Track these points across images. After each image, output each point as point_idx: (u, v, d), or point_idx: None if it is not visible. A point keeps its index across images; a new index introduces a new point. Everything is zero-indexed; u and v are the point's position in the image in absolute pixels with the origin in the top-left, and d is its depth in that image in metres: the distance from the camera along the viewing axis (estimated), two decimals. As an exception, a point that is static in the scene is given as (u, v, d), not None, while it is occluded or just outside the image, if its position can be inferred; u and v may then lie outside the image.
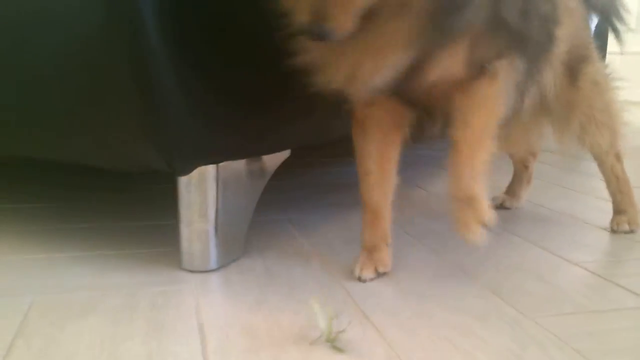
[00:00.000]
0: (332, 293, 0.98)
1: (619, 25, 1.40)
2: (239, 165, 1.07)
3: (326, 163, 2.16)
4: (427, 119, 1.04)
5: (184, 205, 1.03)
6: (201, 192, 1.02)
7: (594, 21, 1.48)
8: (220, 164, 1.03)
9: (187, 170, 1.00)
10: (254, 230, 1.20)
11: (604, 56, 2.18)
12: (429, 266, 1.13)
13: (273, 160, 1.16)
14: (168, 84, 0.92)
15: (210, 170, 1.01)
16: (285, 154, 1.19)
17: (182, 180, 1.01)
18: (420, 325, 0.87)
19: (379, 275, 1.05)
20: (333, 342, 0.79)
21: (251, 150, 1.09)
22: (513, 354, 0.79)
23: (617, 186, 1.40)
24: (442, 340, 0.82)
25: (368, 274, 1.04)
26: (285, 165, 1.25)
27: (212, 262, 1.06)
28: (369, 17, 0.81)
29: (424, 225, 1.38)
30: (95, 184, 1.73)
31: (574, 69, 1.26)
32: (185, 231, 1.04)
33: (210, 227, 1.03)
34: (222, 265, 1.08)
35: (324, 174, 1.99)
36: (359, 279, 1.03)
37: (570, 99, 1.27)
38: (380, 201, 1.08)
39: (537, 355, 0.79)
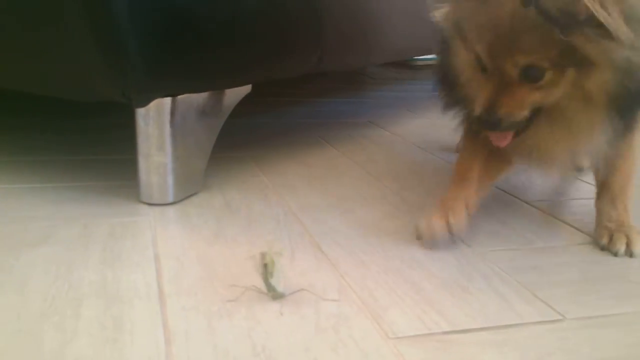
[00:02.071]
0: (288, 227, 0.99)
1: None
2: (198, 98, 1.06)
3: (288, 103, 2.16)
4: None
5: (142, 138, 1.02)
6: (159, 124, 1.01)
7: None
8: (179, 97, 1.02)
9: (143, 102, 0.99)
10: (214, 166, 1.21)
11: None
12: (386, 204, 1.15)
13: (233, 95, 1.16)
14: (124, 13, 0.90)
15: (167, 102, 1.00)
16: (246, 89, 1.19)
17: (140, 112, 1.01)
18: (373, 258, 0.90)
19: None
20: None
21: (209, 83, 1.08)
22: (458, 285, 0.82)
23: None
24: (393, 272, 0.85)
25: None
26: (247, 104, 1.24)
27: (170, 195, 1.06)
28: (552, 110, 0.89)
29: (385, 165, 1.40)
30: (53, 118, 1.70)
31: None
32: (143, 164, 1.04)
33: (168, 160, 1.03)
34: (181, 198, 1.08)
35: (286, 113, 1.99)
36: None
37: None
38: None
39: (481, 286, 0.82)
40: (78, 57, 0.97)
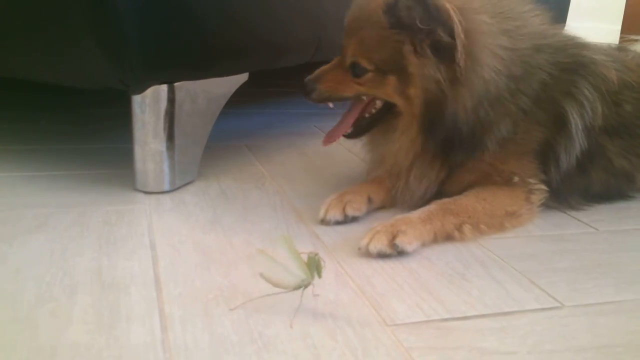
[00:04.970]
0: (285, 216, 0.99)
1: None
2: (195, 86, 1.05)
3: (285, 92, 2.15)
4: None
5: (138, 126, 1.01)
6: (155, 112, 1.00)
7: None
8: (176, 84, 1.01)
9: (140, 88, 0.98)
10: (211, 154, 1.20)
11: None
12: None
13: (230, 83, 1.14)
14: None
15: (164, 89, 0.99)
16: (243, 78, 1.17)
17: (136, 100, 0.99)
18: (370, 246, 0.89)
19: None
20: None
21: (206, 70, 1.07)
22: (456, 272, 0.82)
23: None
24: (391, 260, 0.84)
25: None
26: (244, 94, 1.23)
27: (166, 183, 1.05)
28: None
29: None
30: (47, 109, 1.69)
31: None
32: (139, 151, 1.03)
33: (164, 147, 1.02)
34: (177, 187, 1.07)
35: (283, 103, 1.98)
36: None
37: None
38: None
39: (479, 274, 0.82)
40: (78, 44, 0.96)
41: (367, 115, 1.04)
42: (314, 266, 0.69)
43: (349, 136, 1.07)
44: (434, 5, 0.88)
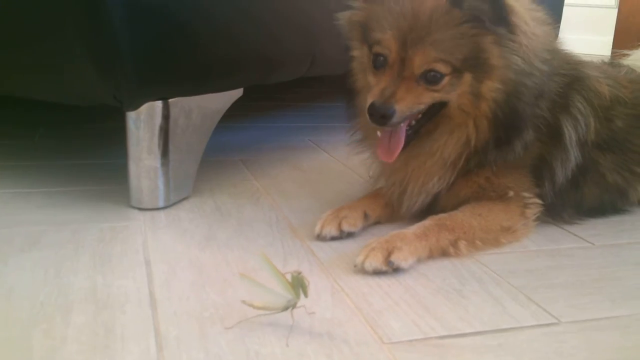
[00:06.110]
0: (280, 232, 0.98)
1: None
2: (189, 102, 1.05)
3: (280, 106, 2.15)
4: None
5: (133, 142, 1.01)
6: (150, 128, 1.00)
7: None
8: (170, 100, 1.01)
9: (134, 105, 0.98)
10: (205, 169, 1.20)
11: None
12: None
13: (225, 98, 1.15)
14: (117, 15, 0.90)
15: (159, 106, 0.99)
16: (237, 93, 1.17)
17: (131, 116, 0.99)
18: (366, 262, 0.89)
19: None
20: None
21: (200, 86, 1.07)
22: (453, 289, 0.82)
23: None
24: (387, 276, 0.84)
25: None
26: (238, 108, 1.23)
27: (161, 200, 1.05)
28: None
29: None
30: (41, 125, 1.68)
31: None
32: (133, 168, 1.03)
33: (159, 164, 1.02)
34: (172, 203, 1.07)
35: (278, 117, 1.98)
36: None
37: None
38: None
39: (475, 290, 0.82)
40: (72, 61, 0.96)
41: (413, 122, 0.97)
42: (298, 285, 0.69)
43: None
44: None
